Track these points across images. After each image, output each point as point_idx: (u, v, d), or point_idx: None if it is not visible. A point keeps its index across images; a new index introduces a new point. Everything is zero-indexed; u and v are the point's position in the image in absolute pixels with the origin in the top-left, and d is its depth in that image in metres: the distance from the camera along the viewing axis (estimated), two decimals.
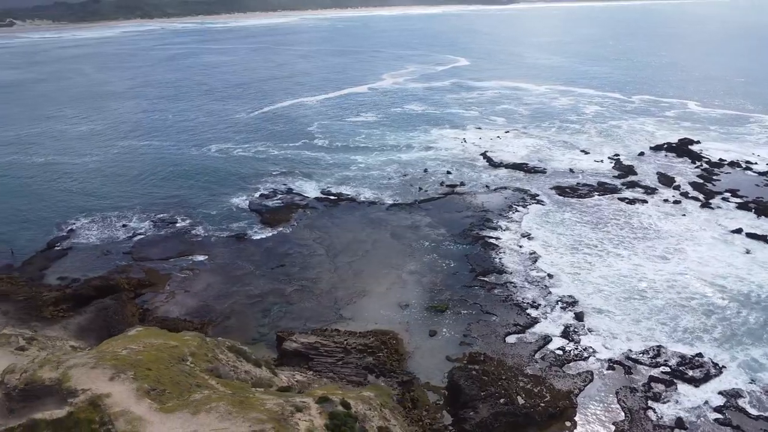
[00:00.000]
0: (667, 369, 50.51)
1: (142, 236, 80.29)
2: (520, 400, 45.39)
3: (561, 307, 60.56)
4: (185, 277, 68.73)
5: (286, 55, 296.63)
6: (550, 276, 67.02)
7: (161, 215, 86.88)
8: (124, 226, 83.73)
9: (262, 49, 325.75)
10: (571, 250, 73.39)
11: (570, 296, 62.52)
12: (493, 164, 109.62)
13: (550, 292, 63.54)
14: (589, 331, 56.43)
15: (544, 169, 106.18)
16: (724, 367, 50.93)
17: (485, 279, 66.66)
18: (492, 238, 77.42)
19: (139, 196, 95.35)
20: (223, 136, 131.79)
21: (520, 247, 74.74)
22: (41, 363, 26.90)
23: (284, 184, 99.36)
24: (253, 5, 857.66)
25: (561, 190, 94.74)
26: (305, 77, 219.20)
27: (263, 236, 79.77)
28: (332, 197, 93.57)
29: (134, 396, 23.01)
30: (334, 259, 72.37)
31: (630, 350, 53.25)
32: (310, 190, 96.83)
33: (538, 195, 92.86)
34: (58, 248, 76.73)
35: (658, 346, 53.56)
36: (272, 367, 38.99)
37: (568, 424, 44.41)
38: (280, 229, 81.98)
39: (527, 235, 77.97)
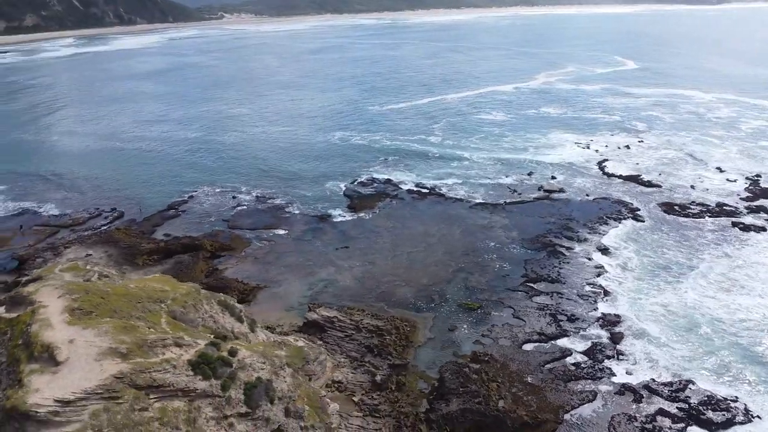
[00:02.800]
0: (685, 406, 46.01)
1: (244, 208, 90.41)
2: (501, 404, 45.01)
3: (599, 325, 57.31)
4: (261, 247, 76.72)
5: (447, 51, 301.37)
6: (606, 293, 63.21)
7: (266, 191, 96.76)
8: (234, 197, 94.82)
9: (425, 45, 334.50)
10: (647, 272, 67.81)
11: (616, 316, 58.75)
12: (606, 173, 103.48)
13: (596, 309, 60.23)
14: (618, 354, 52.94)
15: (661, 183, 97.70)
16: (758, 417, 44.99)
17: (533, 285, 64.99)
18: (563, 247, 74.48)
19: (256, 173, 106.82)
20: (350, 125, 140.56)
21: (589, 260, 71.03)
22: (37, 282, 34.64)
23: (384, 174, 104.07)
24: (436, 2, 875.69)
25: (668, 208, 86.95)
26: (455, 74, 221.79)
27: (343, 219, 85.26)
28: (423, 190, 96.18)
29: (60, 310, 29.20)
30: (395, 248, 75.35)
31: (653, 380, 49.19)
32: (407, 181, 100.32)
33: (638, 210, 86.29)
34: (175, 210, 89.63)
35: (687, 381, 48.75)
36: (255, 325, 43.73)
37: None
38: (362, 214, 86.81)
39: (604, 249, 73.57)
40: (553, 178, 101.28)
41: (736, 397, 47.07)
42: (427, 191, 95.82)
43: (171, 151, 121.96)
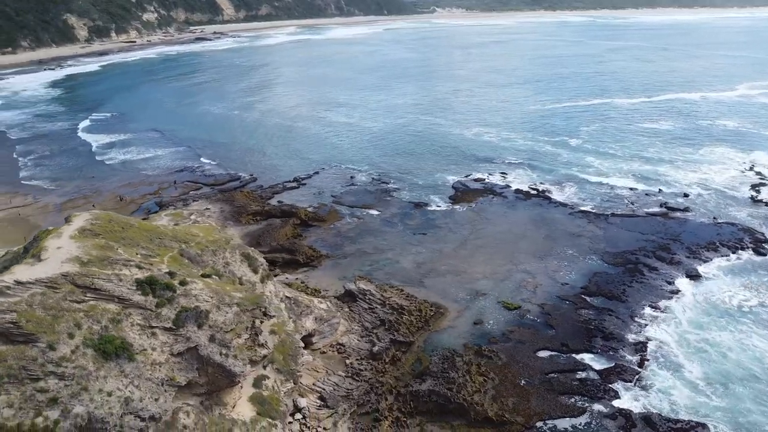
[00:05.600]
0: None
1: (354, 187, 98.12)
2: (476, 397, 45.97)
3: (634, 349, 53.53)
4: (349, 223, 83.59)
5: (646, 53, 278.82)
6: (664, 320, 58.23)
7: (383, 175, 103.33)
8: (351, 177, 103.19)
9: (625, 46, 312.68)
10: (724, 309, 59.45)
11: (660, 343, 54.29)
12: (755, 199, 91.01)
13: (641, 332, 56.10)
14: (638, 381, 49.43)
15: None
16: None
17: (587, 298, 62.25)
18: (646, 266, 69.18)
19: (383, 157, 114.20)
20: (492, 121, 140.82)
21: (669, 283, 65.21)
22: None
23: (501, 172, 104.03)
24: (666, 0, 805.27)
25: None
26: (641, 78, 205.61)
27: (437, 209, 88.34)
28: (532, 192, 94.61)
29: (75, 229, 38.39)
30: (468, 241, 76.80)
31: (659, 414, 45.50)
32: (520, 181, 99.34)
33: (766, 242, 75.60)
34: (297, 182, 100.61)
35: (697, 424, 44.21)
36: (267, 277, 50.15)
37: None
38: (457, 207, 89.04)
39: (694, 276, 66.77)
40: (686, 195, 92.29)
41: None
42: (535, 193, 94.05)
43: (319, 131, 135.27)
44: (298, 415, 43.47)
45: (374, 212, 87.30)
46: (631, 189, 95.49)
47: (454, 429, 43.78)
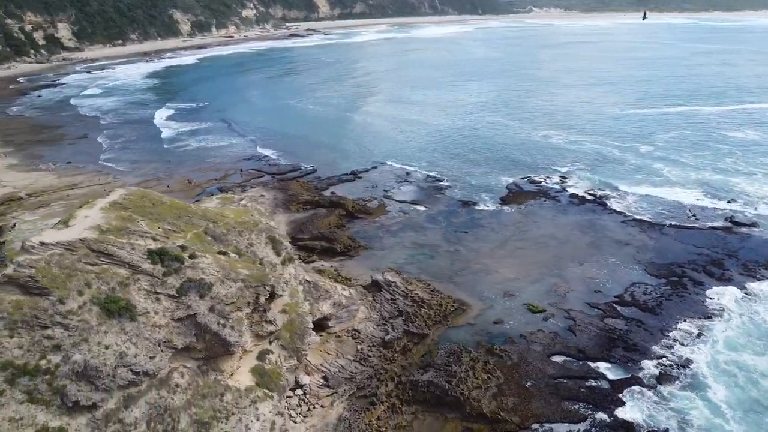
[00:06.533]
0: None
1: (408, 183, 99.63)
2: (474, 394, 46.43)
3: (658, 363, 51.67)
4: (395, 217, 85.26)
5: (752, 56, 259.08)
6: (699, 336, 55.62)
7: (438, 173, 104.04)
8: (407, 174, 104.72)
9: (723, 49, 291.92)
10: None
11: (686, 361, 51.97)
12: None
13: (670, 347, 53.93)
14: (654, 394, 47.79)
15: None
16: None
17: (617, 307, 60.44)
18: (692, 281, 65.92)
19: (443, 155, 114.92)
20: (564, 124, 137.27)
21: (711, 299, 62.00)
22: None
23: (561, 175, 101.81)
24: None
25: None
26: (737, 83, 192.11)
27: (485, 209, 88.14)
28: (587, 197, 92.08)
29: (106, 202, 42.61)
30: (507, 242, 76.32)
31: (666, 430, 43.95)
32: (577, 186, 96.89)
33: None
34: (353, 175, 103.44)
35: None
36: (289, 261, 52.70)
37: None
38: (505, 208, 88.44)
39: (741, 295, 62.91)
40: (756, 210, 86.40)
41: None
42: (591, 198, 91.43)
43: (385, 128, 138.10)
44: (299, 391, 45.92)
45: (421, 208, 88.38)
46: (697, 200, 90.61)
47: (448, 421, 44.52)
